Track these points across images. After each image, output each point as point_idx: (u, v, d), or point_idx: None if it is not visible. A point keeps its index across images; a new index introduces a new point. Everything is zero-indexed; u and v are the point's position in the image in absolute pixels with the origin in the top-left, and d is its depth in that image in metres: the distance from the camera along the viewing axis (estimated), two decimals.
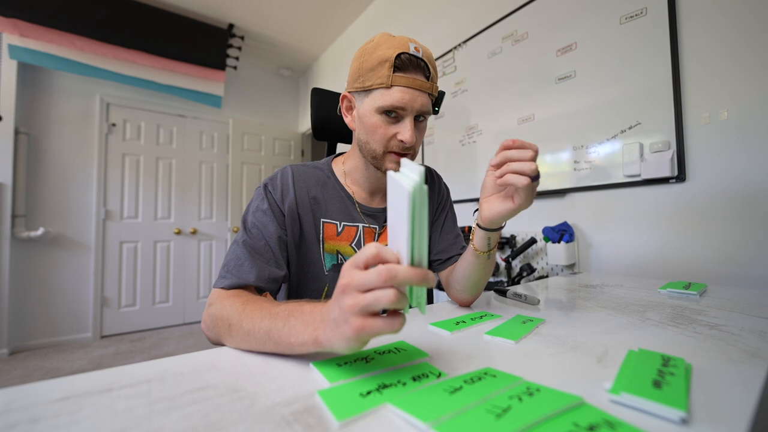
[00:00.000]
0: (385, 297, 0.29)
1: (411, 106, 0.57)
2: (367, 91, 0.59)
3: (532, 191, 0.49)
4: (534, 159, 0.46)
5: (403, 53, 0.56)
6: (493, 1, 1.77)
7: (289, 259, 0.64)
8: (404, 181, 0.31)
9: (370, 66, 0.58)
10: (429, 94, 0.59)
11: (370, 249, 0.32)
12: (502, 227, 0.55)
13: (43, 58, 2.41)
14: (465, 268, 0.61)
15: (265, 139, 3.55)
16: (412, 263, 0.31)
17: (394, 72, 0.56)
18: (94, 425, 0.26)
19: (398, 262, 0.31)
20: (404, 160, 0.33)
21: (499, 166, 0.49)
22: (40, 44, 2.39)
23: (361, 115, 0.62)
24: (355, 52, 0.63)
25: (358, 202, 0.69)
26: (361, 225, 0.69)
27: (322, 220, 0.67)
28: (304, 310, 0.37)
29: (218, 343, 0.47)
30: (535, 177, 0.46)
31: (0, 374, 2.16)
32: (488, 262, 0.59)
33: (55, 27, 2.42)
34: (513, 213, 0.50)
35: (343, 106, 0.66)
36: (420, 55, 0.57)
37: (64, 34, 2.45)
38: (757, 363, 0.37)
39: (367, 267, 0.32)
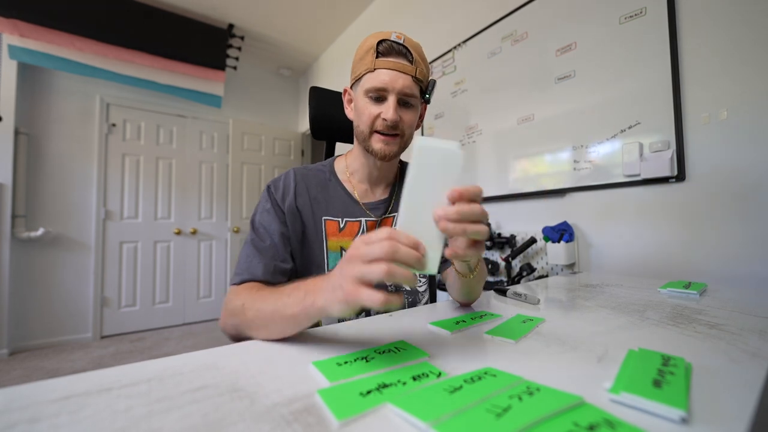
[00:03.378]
0: (376, 270, 0.32)
1: (392, 87, 0.60)
2: (358, 79, 0.64)
3: (482, 250, 0.42)
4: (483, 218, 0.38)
5: (384, 40, 0.61)
6: (493, 1, 1.77)
7: (294, 254, 0.66)
8: (444, 144, 0.36)
9: (359, 57, 0.64)
10: (413, 78, 0.61)
11: (383, 231, 0.35)
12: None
13: (42, 58, 2.41)
14: (454, 282, 0.62)
15: (265, 139, 3.55)
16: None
17: (376, 57, 0.61)
18: (94, 425, 0.26)
19: (408, 244, 0.34)
20: (422, 138, 0.36)
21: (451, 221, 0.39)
22: (40, 44, 2.39)
23: (355, 102, 0.67)
24: (354, 52, 0.66)
25: (360, 199, 0.71)
26: (363, 219, 0.70)
27: (323, 218, 0.68)
28: (308, 282, 0.42)
29: (238, 336, 0.51)
30: (488, 224, 0.46)
31: (0, 374, 2.17)
32: (473, 280, 0.56)
33: (54, 27, 2.42)
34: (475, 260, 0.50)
35: (345, 99, 0.71)
36: (401, 41, 0.61)
37: (63, 34, 2.45)
38: (757, 362, 0.37)
39: None
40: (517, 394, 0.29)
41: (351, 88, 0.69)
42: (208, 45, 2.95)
